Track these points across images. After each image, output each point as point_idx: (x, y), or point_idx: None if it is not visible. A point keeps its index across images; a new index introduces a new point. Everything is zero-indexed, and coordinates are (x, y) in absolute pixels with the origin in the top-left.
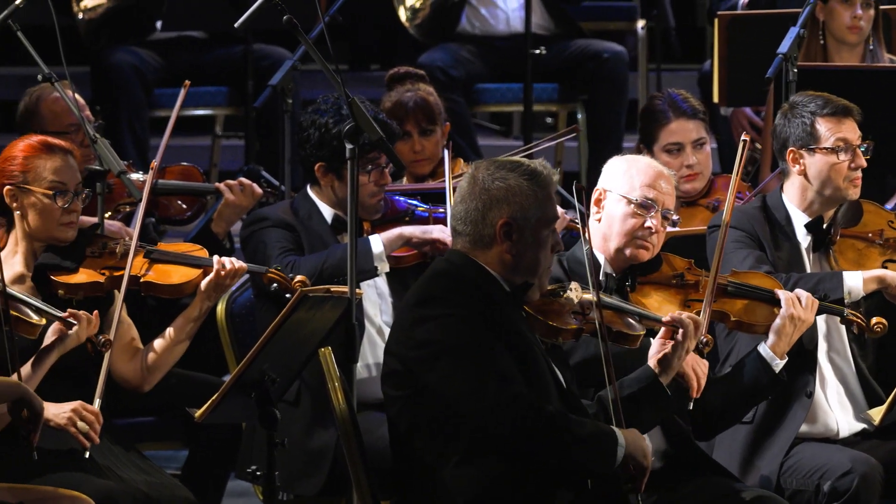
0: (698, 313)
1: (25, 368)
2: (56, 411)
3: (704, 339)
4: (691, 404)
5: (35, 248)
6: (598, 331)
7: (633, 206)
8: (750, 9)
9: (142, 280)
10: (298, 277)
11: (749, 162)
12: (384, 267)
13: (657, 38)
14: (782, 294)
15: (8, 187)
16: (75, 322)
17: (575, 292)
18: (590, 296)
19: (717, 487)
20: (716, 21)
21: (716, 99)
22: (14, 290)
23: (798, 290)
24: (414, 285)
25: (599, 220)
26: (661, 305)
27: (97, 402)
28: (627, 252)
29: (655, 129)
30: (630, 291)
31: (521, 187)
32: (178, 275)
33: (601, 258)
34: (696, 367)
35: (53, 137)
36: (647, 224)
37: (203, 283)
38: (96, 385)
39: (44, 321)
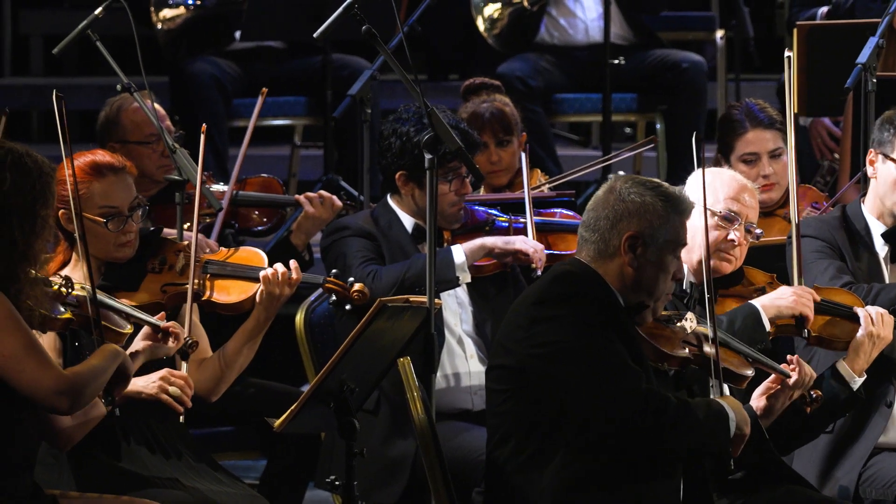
0: (780, 328)
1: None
2: (145, 382)
3: (814, 395)
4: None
5: (98, 266)
6: (713, 367)
7: (716, 218)
8: (829, 19)
9: (203, 298)
10: (356, 286)
11: (828, 172)
12: (465, 277)
13: (736, 47)
14: (861, 312)
15: (62, 211)
16: (172, 336)
17: (689, 322)
18: (705, 329)
19: (796, 496)
20: (794, 31)
21: (794, 109)
22: (104, 297)
23: (876, 308)
24: (532, 285)
25: None
26: None
27: (184, 366)
28: (710, 264)
29: (732, 138)
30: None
31: (655, 206)
32: (237, 291)
33: (685, 268)
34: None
35: (105, 153)
36: (731, 237)
37: (257, 296)
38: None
39: (131, 329)
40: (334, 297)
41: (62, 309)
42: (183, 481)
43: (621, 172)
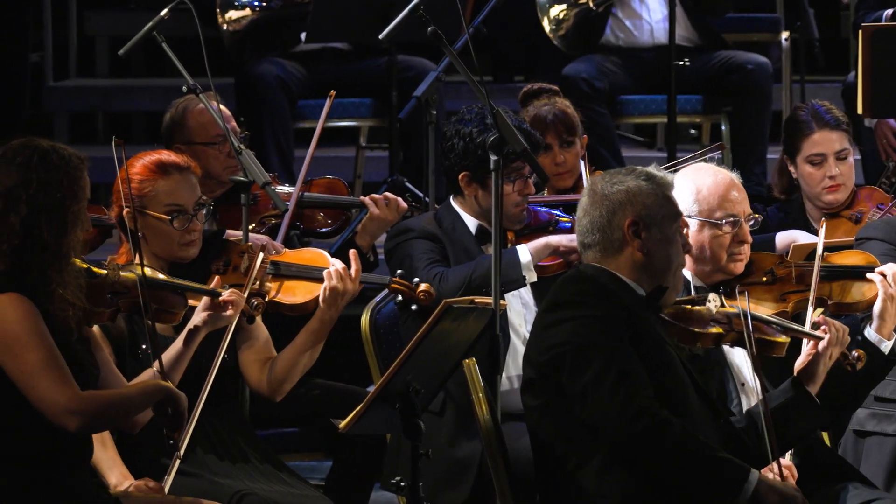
0: (798, 304)
1: (176, 345)
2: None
3: (856, 354)
4: None
5: (160, 266)
6: (747, 341)
7: (719, 228)
8: (894, 20)
9: (268, 299)
10: (422, 287)
11: (893, 173)
12: (532, 276)
13: (801, 49)
14: (875, 275)
15: (126, 209)
16: (231, 305)
17: (714, 303)
18: (729, 308)
19: (859, 496)
20: (860, 33)
21: (860, 110)
22: (156, 275)
23: (891, 266)
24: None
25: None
26: (758, 306)
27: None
28: (726, 270)
29: (799, 140)
30: (726, 298)
31: (640, 188)
32: (302, 292)
33: (688, 275)
34: None
35: (171, 153)
36: (739, 239)
37: (320, 294)
38: (236, 401)
39: (185, 309)
40: (400, 298)
41: (109, 300)
42: (243, 479)
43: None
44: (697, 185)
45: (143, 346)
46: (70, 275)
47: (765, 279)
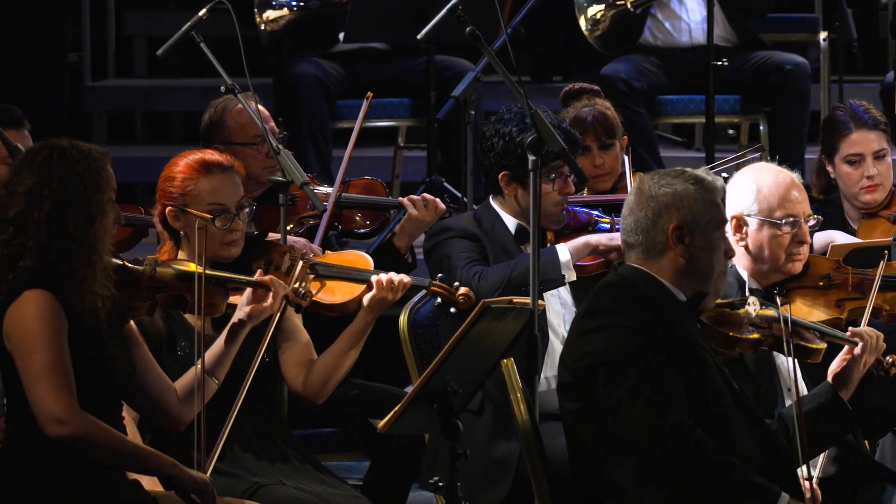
0: (853, 312)
1: (218, 343)
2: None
3: (890, 360)
4: None
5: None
6: (785, 346)
7: (779, 227)
8: None
9: (309, 292)
10: (462, 290)
11: None
12: (571, 275)
13: (839, 49)
14: None
15: (169, 208)
16: (270, 288)
17: (753, 306)
18: (768, 311)
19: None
20: None
21: None
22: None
23: None
24: (587, 298)
25: (745, 247)
26: (812, 310)
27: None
28: (784, 270)
29: (837, 140)
30: (780, 298)
31: (687, 192)
32: (342, 292)
33: (744, 275)
34: None
35: (214, 152)
36: (798, 239)
37: (366, 299)
38: (275, 402)
39: (227, 299)
40: (439, 300)
41: (146, 295)
42: (282, 478)
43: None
44: (758, 184)
45: (183, 343)
46: (98, 266)
47: (821, 283)
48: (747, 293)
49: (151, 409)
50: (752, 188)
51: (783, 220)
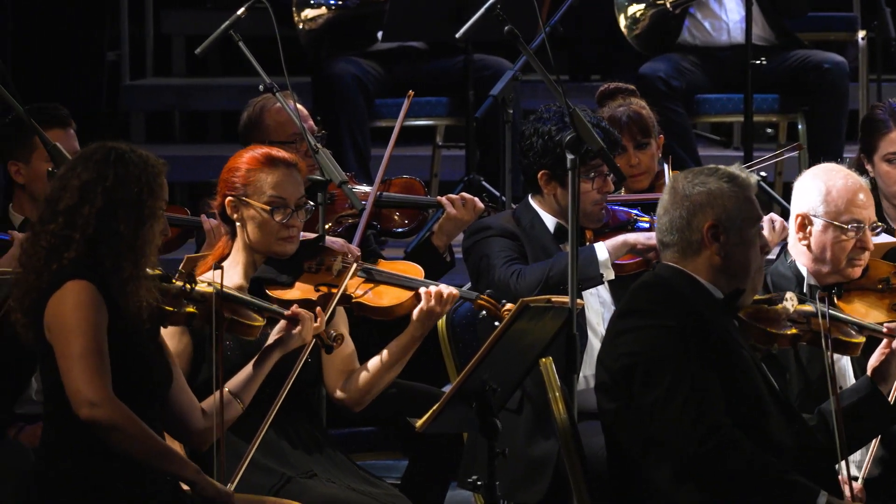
0: None
1: (246, 369)
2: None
3: None
4: None
5: (255, 260)
6: (823, 340)
7: (844, 232)
8: None
9: (354, 300)
10: (508, 306)
11: None
12: (609, 274)
13: (878, 48)
14: None
15: (230, 198)
16: (298, 321)
17: (791, 302)
18: (807, 306)
19: None
20: None
21: None
22: (232, 291)
23: None
24: (623, 298)
25: (807, 246)
26: (868, 311)
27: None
28: (844, 274)
29: (875, 138)
30: (837, 299)
31: (721, 190)
32: (389, 297)
33: (804, 271)
34: None
35: (280, 149)
36: (861, 245)
37: (415, 312)
38: (314, 406)
39: (263, 322)
40: (484, 313)
41: (185, 302)
42: (320, 474)
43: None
44: (828, 185)
45: (228, 342)
46: (143, 269)
47: (879, 286)
48: (805, 290)
49: (175, 425)
50: (822, 189)
51: (849, 225)
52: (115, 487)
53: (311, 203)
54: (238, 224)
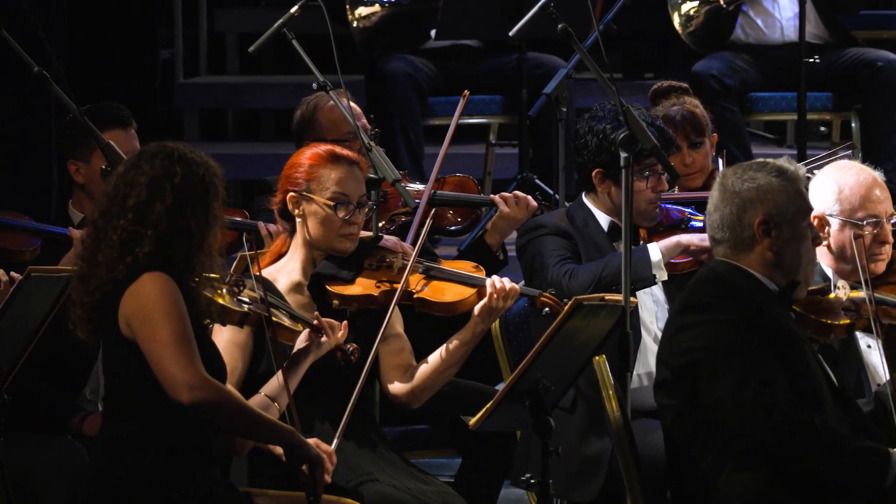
0: None
1: (279, 375)
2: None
3: None
4: None
5: (314, 257)
6: (873, 326)
7: (860, 228)
8: None
9: (416, 296)
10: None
11: None
12: (662, 275)
13: None
14: None
15: (291, 194)
16: (323, 331)
17: (843, 290)
18: (860, 293)
19: None
20: None
21: None
22: (273, 297)
23: None
24: (680, 294)
25: (828, 246)
26: None
27: (335, 442)
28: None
29: None
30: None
31: (770, 185)
32: (451, 293)
33: (829, 272)
34: None
35: (342, 147)
36: (880, 239)
37: (477, 308)
38: (369, 402)
39: (300, 327)
40: (547, 310)
41: (244, 301)
42: (376, 474)
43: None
44: (840, 184)
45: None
46: (209, 269)
47: None
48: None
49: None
50: (834, 188)
51: (864, 221)
52: (171, 478)
53: (373, 203)
54: (299, 220)
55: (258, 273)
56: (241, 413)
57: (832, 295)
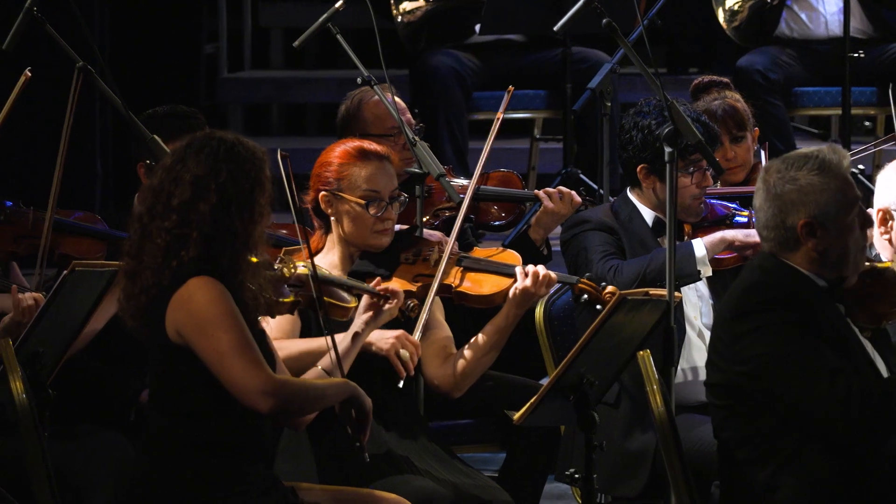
0: None
1: (340, 348)
2: (379, 337)
3: None
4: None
5: (351, 253)
6: None
7: None
8: None
9: (454, 290)
10: (609, 289)
11: None
12: (707, 271)
13: None
14: None
15: (323, 193)
16: (391, 298)
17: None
18: None
19: None
20: None
21: None
22: (323, 270)
23: None
24: (727, 296)
25: (889, 240)
26: None
27: (417, 334)
28: None
29: None
30: None
31: (812, 185)
32: (489, 284)
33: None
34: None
35: (371, 142)
36: None
37: (511, 292)
38: (412, 394)
39: (355, 303)
40: (586, 297)
41: (287, 291)
42: (419, 465)
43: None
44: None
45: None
46: (257, 265)
47: None
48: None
49: None
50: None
51: None
52: (222, 478)
53: (405, 195)
54: (333, 219)
55: (308, 255)
56: (306, 395)
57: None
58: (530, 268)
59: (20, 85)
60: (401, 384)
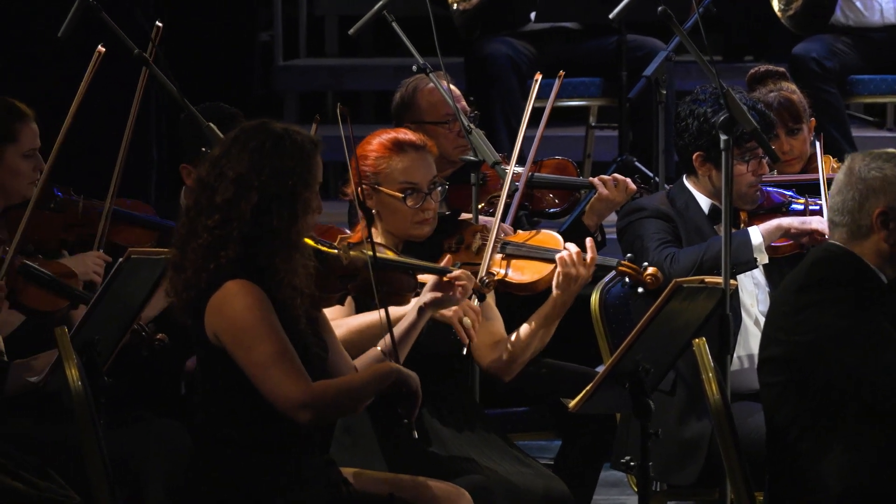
0: None
1: (401, 325)
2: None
3: None
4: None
5: (395, 243)
6: None
7: None
8: None
9: (497, 277)
10: (650, 270)
11: None
12: (763, 258)
13: None
14: None
15: (363, 186)
16: (459, 286)
17: None
18: None
19: None
20: None
21: None
22: (385, 256)
23: None
24: (792, 273)
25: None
26: None
27: (475, 301)
28: None
29: None
30: None
31: None
32: (531, 271)
33: None
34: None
35: (408, 132)
36: None
37: (554, 279)
38: (465, 379)
39: (413, 292)
40: (627, 280)
41: (336, 285)
42: (478, 460)
43: None
44: None
45: None
46: (299, 262)
47: None
48: None
49: None
50: None
51: None
52: (271, 475)
53: (446, 182)
54: (375, 210)
55: (369, 236)
56: (346, 397)
57: None
58: (565, 252)
59: (95, 61)
60: (464, 351)
